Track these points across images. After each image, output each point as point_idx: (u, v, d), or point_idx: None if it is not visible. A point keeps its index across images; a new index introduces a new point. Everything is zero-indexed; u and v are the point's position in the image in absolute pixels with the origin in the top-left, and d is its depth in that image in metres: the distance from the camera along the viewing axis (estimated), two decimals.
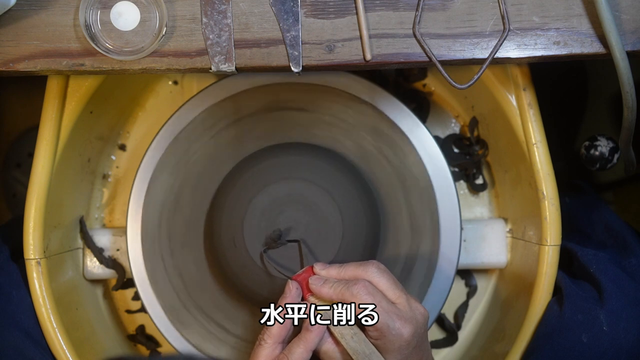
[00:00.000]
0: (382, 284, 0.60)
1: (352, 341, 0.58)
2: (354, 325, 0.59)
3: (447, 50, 0.59)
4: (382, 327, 0.57)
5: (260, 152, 0.76)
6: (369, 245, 0.74)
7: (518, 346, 0.69)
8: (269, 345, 0.59)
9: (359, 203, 0.73)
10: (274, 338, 0.59)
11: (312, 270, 0.63)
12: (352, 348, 0.58)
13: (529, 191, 0.72)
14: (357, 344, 0.58)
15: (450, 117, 0.88)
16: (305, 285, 0.62)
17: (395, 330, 0.57)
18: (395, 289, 0.60)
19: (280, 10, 0.58)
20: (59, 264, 0.73)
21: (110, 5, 0.58)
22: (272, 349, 0.59)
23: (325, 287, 0.60)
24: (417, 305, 0.60)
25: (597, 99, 1.01)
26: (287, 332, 0.60)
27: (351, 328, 0.59)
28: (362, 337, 0.59)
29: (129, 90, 0.84)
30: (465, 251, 0.80)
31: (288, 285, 0.61)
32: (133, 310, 0.86)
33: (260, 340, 0.59)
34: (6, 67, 0.59)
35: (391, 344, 0.58)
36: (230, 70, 0.59)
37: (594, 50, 0.59)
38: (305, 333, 0.59)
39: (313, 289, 0.61)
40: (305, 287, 0.62)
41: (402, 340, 0.58)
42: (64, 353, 0.68)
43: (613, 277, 0.66)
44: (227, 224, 0.72)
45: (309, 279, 0.62)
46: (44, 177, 0.68)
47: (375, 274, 0.60)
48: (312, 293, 0.61)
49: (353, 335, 0.59)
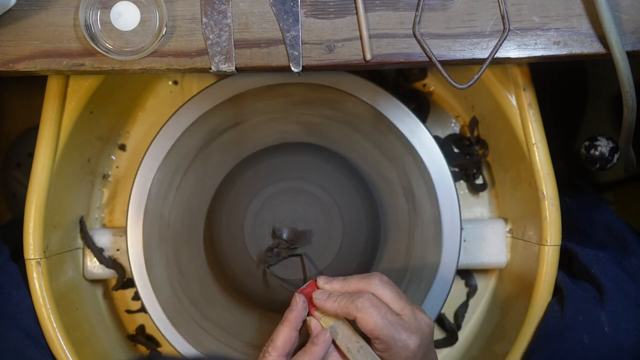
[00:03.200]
0: (386, 296, 0.60)
1: (358, 355, 0.58)
2: (360, 339, 0.59)
3: (447, 50, 0.59)
4: (388, 340, 0.57)
5: (260, 152, 0.76)
6: (369, 246, 0.74)
7: (518, 346, 0.69)
8: (273, 357, 0.59)
9: (359, 202, 0.73)
10: (278, 351, 0.59)
11: (316, 284, 0.63)
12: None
13: (529, 191, 0.72)
14: (363, 357, 0.58)
15: (450, 117, 0.88)
16: (310, 300, 0.62)
17: (402, 342, 0.57)
18: (399, 300, 0.60)
19: (280, 10, 0.58)
20: (59, 264, 0.73)
21: (110, 5, 0.58)
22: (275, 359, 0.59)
23: (330, 301, 0.60)
24: (422, 315, 0.60)
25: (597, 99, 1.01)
26: (291, 345, 0.60)
27: (357, 341, 0.59)
28: (369, 350, 0.58)
29: (129, 90, 0.84)
30: (465, 251, 0.80)
31: (295, 299, 0.61)
32: (133, 310, 0.86)
33: (265, 353, 0.59)
34: (6, 67, 0.59)
35: (398, 355, 0.57)
36: (230, 70, 0.59)
37: (594, 50, 0.59)
38: (311, 347, 0.59)
39: (317, 304, 0.61)
40: (310, 302, 0.62)
41: (408, 351, 0.57)
42: (64, 353, 0.68)
43: (614, 278, 0.66)
44: (227, 223, 0.72)
45: (312, 293, 0.62)
46: (44, 177, 0.68)
47: (379, 286, 0.60)
48: (317, 307, 0.61)
49: (359, 348, 0.58)
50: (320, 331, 0.60)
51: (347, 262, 0.71)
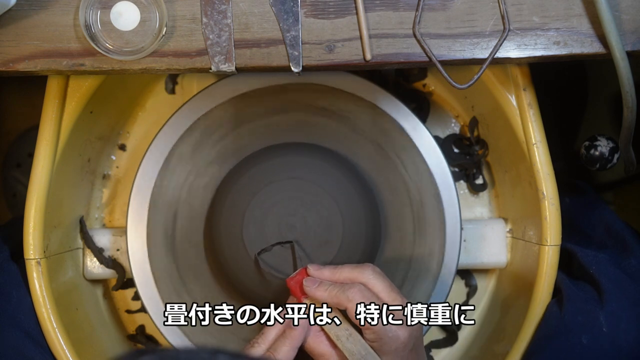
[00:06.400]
0: (378, 287, 0.60)
1: (347, 342, 0.59)
2: (349, 327, 0.59)
3: (447, 50, 0.59)
4: (379, 330, 0.57)
5: (260, 152, 0.76)
6: (369, 245, 0.74)
7: (518, 346, 0.69)
8: (261, 349, 0.59)
9: (359, 202, 0.73)
10: (268, 343, 0.59)
11: (306, 272, 0.63)
12: (348, 349, 0.58)
13: (529, 191, 0.72)
14: (353, 345, 0.58)
15: (450, 117, 0.88)
16: (300, 287, 0.62)
17: (392, 332, 0.57)
18: (391, 292, 0.60)
19: (280, 10, 0.58)
20: (59, 264, 0.73)
21: (110, 5, 0.58)
22: (262, 352, 0.59)
23: (320, 290, 0.60)
24: None
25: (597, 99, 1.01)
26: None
27: (347, 329, 0.59)
28: (358, 338, 0.59)
29: (129, 90, 0.84)
30: (465, 251, 0.80)
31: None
32: (133, 310, 0.86)
33: (254, 343, 0.60)
34: (6, 67, 0.59)
35: (388, 346, 0.58)
36: (230, 70, 0.59)
37: (594, 50, 0.59)
38: (290, 331, 0.59)
39: (307, 292, 0.61)
40: (300, 289, 0.62)
41: (398, 342, 0.58)
42: (64, 353, 0.68)
43: (613, 278, 0.66)
44: (227, 223, 0.72)
45: (303, 280, 0.62)
46: (44, 177, 0.68)
47: (371, 277, 0.60)
48: (306, 295, 0.61)
49: (348, 336, 0.59)
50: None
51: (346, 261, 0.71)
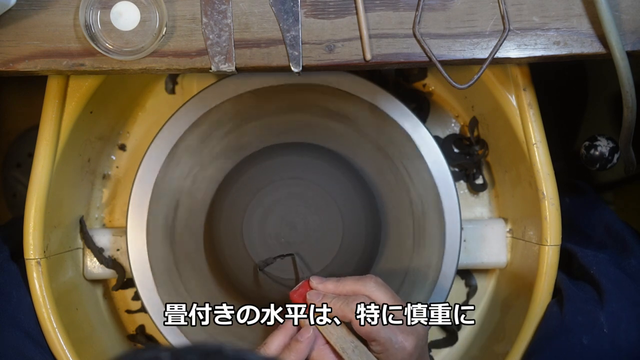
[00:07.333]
0: (381, 299, 0.60)
1: (353, 354, 0.58)
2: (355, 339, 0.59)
3: (447, 50, 0.59)
4: (385, 342, 0.57)
5: (260, 152, 0.76)
6: (369, 245, 0.74)
7: (518, 346, 0.69)
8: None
9: (359, 202, 0.73)
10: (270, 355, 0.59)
11: (309, 285, 0.63)
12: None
13: (529, 191, 0.72)
14: (359, 357, 0.58)
15: (450, 117, 0.88)
16: (303, 301, 0.62)
17: (398, 343, 0.57)
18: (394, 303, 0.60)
19: (280, 10, 0.58)
20: (59, 264, 0.73)
21: (110, 5, 0.58)
22: None
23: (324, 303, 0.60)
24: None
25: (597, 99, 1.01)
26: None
27: (352, 341, 0.59)
28: (364, 350, 0.58)
29: (129, 90, 0.84)
30: (465, 251, 0.80)
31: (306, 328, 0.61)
32: (133, 310, 0.86)
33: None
34: (6, 67, 0.59)
35: (394, 357, 0.58)
36: (230, 70, 0.59)
37: (594, 50, 0.59)
38: (295, 344, 0.59)
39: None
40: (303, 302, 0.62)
41: (405, 353, 0.58)
42: (64, 353, 0.68)
43: (613, 279, 0.66)
44: (226, 224, 0.72)
45: (307, 294, 0.62)
46: (44, 177, 0.68)
47: (374, 289, 0.60)
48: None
49: (354, 348, 0.59)
50: (304, 328, 0.60)
51: (346, 261, 0.71)
